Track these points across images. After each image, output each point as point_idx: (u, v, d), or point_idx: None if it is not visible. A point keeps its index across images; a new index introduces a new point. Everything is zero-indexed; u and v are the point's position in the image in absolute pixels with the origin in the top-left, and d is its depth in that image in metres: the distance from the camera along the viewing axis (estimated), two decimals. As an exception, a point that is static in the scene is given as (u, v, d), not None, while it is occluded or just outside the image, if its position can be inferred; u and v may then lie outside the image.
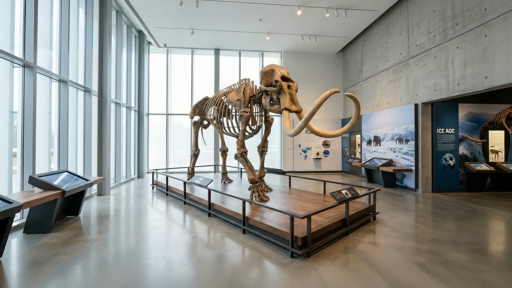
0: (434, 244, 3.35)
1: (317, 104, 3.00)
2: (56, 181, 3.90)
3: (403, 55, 7.42)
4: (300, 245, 2.93)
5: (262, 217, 3.66)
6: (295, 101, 3.78)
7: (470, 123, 6.68)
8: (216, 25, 8.81)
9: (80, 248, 3.16)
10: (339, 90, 3.03)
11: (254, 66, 11.69)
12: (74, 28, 5.85)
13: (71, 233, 3.71)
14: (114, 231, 3.78)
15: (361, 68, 9.95)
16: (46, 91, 4.93)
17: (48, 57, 4.99)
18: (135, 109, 9.52)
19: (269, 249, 3.15)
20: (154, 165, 10.88)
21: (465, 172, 6.59)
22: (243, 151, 4.66)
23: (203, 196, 5.00)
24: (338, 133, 3.41)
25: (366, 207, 4.26)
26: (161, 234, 3.67)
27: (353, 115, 3.34)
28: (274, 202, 4.53)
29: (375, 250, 3.15)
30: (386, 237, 3.58)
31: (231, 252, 3.08)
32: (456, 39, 5.69)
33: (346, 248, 3.20)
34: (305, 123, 3.15)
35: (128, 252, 3.06)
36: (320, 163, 11.29)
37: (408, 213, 4.80)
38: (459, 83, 5.59)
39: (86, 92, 6.16)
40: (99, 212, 4.82)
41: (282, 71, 4.01)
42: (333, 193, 3.55)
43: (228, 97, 5.16)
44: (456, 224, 4.16)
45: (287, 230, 3.11)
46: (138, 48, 9.80)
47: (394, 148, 7.52)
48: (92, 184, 4.42)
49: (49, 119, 5.09)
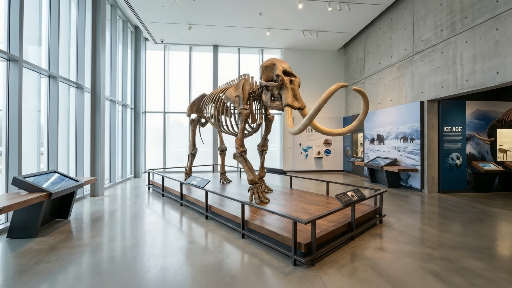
0: (446, 249, 3.12)
1: (323, 99, 2.74)
2: (43, 182, 3.66)
3: (408, 51, 7.17)
4: (304, 252, 2.70)
5: (262, 221, 3.43)
6: (298, 97, 3.52)
7: (477, 121, 6.44)
8: (214, 19, 8.54)
9: (66, 255, 2.92)
10: (346, 84, 2.78)
11: (253, 63, 11.40)
12: (65, 21, 5.59)
13: (58, 237, 3.47)
14: (104, 236, 3.55)
15: (363, 65, 9.70)
16: (34, 87, 4.67)
17: (37, 52, 4.74)
18: (131, 107, 9.26)
19: (270, 256, 2.92)
20: (151, 165, 10.63)
21: (473, 172, 6.36)
22: (242, 151, 4.42)
23: (200, 197, 4.77)
24: (345, 131, 3.14)
25: (372, 210, 4.03)
26: (154, 239, 3.44)
27: (362, 112, 3.09)
28: (274, 204, 4.30)
29: (384, 256, 2.92)
30: (395, 242, 3.36)
31: (229, 259, 2.85)
32: (465, 33, 5.44)
33: (352, 254, 2.97)
34: (310, 120, 2.88)
35: (117, 260, 2.82)
36: (321, 162, 11.06)
37: (416, 215, 4.58)
38: (468, 79, 5.35)
39: (78, 89, 5.90)
40: (90, 214, 4.59)
41: (284, 65, 3.77)
42: (338, 195, 3.31)
43: (226, 94, 4.91)
44: (467, 227, 3.94)
45: (289, 236, 2.88)
46: (135, 44, 9.52)
47: (398, 147, 7.29)
48: (82, 185, 4.18)
49: (38, 117, 4.84)
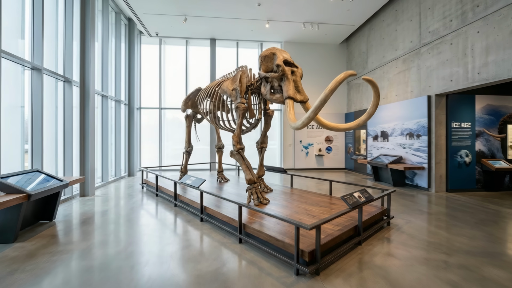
0: (463, 256, 2.84)
1: (330, 89, 2.42)
2: (23, 182, 3.36)
3: (414, 43, 6.84)
4: (308, 260, 2.42)
5: (261, 224, 3.14)
6: (300, 89, 3.20)
7: (488, 117, 6.14)
8: (211, 11, 8.16)
9: (44, 264, 2.63)
10: (355, 72, 2.47)
11: (252, 57, 11.04)
12: (52, 11, 5.24)
13: (39, 243, 3.18)
14: (89, 241, 3.25)
15: (366, 59, 9.35)
16: (17, 80, 4.35)
17: (20, 43, 4.41)
18: (125, 102, 8.91)
19: (269, 264, 2.64)
20: (147, 163, 10.32)
21: (482, 170, 6.08)
22: (239, 148, 4.11)
23: (195, 198, 4.47)
24: (353, 126, 2.80)
25: (379, 211, 3.75)
26: (144, 244, 3.15)
27: (371, 104, 2.76)
28: (274, 205, 4.01)
29: (395, 264, 2.64)
30: (406, 247, 3.08)
31: (225, 268, 2.56)
32: (476, 22, 5.11)
33: (360, 262, 2.69)
34: (314, 113, 2.56)
35: (100, 269, 2.53)
36: (322, 160, 10.77)
37: (425, 216, 4.30)
38: (480, 72, 5.04)
39: (66, 83, 5.57)
40: (77, 216, 4.29)
41: (285, 54, 3.44)
42: (345, 196, 3.02)
43: (222, 87, 4.59)
44: (482, 230, 3.66)
45: (291, 242, 2.60)
46: (128, 37, 9.14)
47: (403, 144, 6.99)
48: (67, 185, 3.87)
49: (22, 112, 4.52)
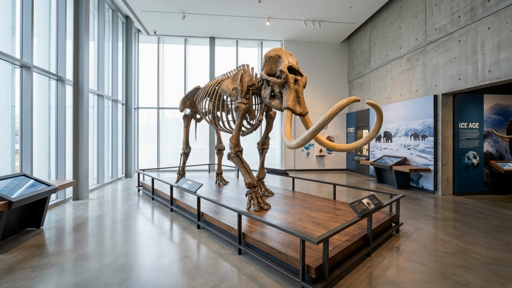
0: (483, 270, 2.61)
1: (329, 115, 2.26)
2: (5, 188, 3.12)
3: (419, 40, 6.61)
4: (314, 277, 2.19)
5: (262, 234, 2.90)
6: (301, 100, 2.95)
7: (496, 117, 5.91)
8: (210, 8, 7.93)
9: (22, 280, 2.39)
10: (359, 99, 2.29)
11: (252, 56, 10.82)
12: (44, 8, 4.99)
13: (22, 254, 2.94)
14: (76, 251, 3.02)
15: (368, 58, 9.13)
16: (7, 79, 4.12)
17: (11, 39, 4.19)
18: (122, 102, 8.67)
19: (272, 280, 2.41)
20: (145, 164, 10.08)
21: (490, 172, 5.85)
22: (237, 150, 3.87)
23: (192, 203, 4.23)
24: (350, 148, 2.71)
25: (388, 218, 3.52)
26: (135, 256, 2.91)
27: (373, 128, 2.63)
28: (276, 211, 3.77)
29: (410, 280, 2.41)
30: (419, 258, 2.85)
31: (223, 285, 2.33)
32: (487, 18, 4.89)
33: (371, 277, 2.46)
34: (311, 136, 2.39)
35: (84, 286, 2.30)
36: (323, 160, 10.54)
37: (434, 222, 4.07)
38: (491, 70, 4.81)
39: (59, 81, 5.32)
40: (67, 222, 4.05)
41: (291, 59, 3.16)
42: (353, 204, 2.79)
43: (222, 86, 4.35)
44: (498, 238, 3.43)
45: (295, 255, 2.36)
46: (126, 35, 8.89)
47: (408, 144, 6.76)
48: (55, 190, 3.63)
49: (13, 112, 4.29)
